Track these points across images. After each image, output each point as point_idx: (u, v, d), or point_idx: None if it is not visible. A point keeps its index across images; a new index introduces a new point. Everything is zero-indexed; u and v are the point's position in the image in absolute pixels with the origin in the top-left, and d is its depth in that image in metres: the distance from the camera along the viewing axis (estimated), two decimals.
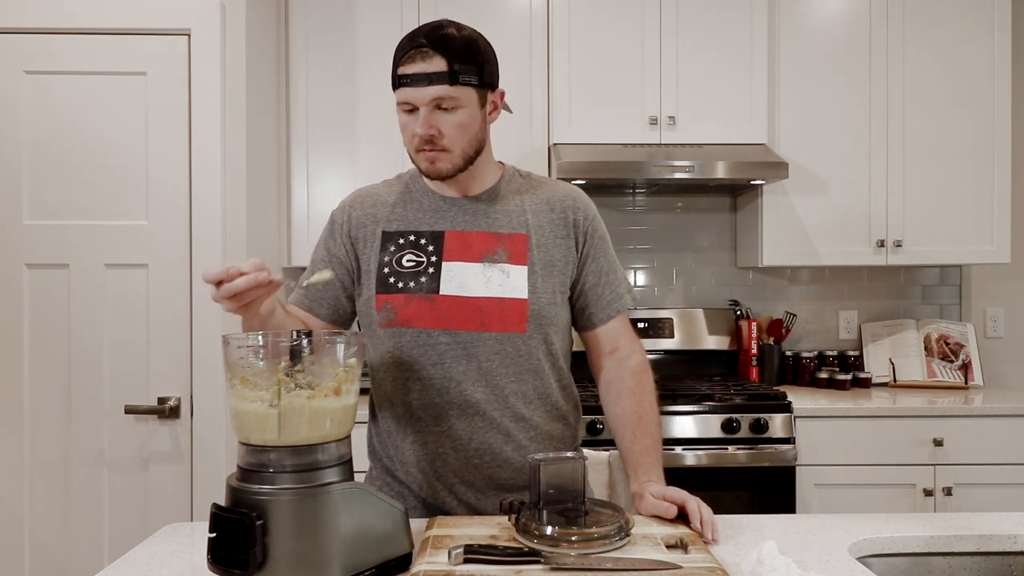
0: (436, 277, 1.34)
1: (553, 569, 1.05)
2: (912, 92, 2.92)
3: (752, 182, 2.82)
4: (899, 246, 2.91)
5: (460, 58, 1.28)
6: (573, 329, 1.48)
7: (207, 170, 2.32)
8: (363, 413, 2.32)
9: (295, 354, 1.02)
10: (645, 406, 1.40)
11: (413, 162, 1.37)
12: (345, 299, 1.43)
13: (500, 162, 1.46)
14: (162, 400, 2.32)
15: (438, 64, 1.27)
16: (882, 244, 2.91)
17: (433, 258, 1.35)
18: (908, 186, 2.92)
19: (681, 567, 1.04)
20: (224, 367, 1.06)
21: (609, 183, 2.92)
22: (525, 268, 1.35)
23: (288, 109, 2.83)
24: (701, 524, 1.20)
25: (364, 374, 2.77)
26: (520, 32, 2.82)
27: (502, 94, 1.39)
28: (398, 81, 1.30)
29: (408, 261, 1.36)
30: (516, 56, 2.79)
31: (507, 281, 1.34)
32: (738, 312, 3.15)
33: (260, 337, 1.05)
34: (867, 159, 2.92)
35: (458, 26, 1.33)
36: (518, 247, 1.36)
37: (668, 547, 1.13)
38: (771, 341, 3.07)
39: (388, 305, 1.35)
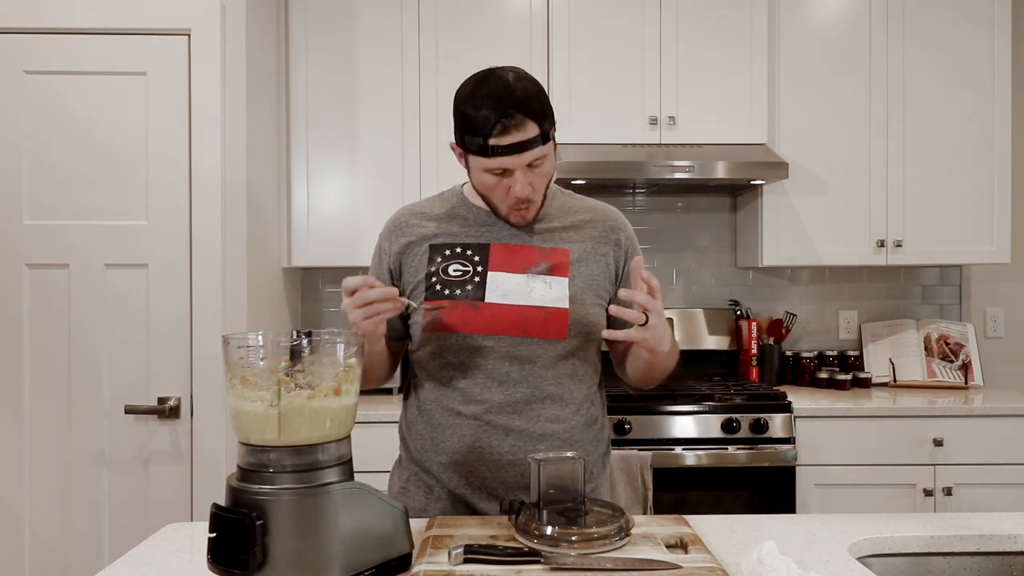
0: (481, 285, 1.40)
1: (553, 569, 1.05)
2: (912, 92, 2.92)
3: (752, 182, 2.82)
4: (899, 246, 2.91)
5: (543, 117, 1.34)
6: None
7: (207, 170, 2.32)
8: (373, 414, 2.32)
9: (295, 354, 1.02)
10: (660, 355, 1.44)
11: (497, 213, 1.43)
12: (400, 322, 1.48)
13: None
14: (162, 400, 2.32)
15: (531, 130, 1.32)
16: (882, 244, 2.91)
17: (479, 268, 1.42)
18: (908, 186, 2.92)
19: (681, 567, 1.04)
20: (224, 367, 1.06)
21: (609, 183, 2.92)
22: (566, 280, 1.42)
23: (288, 109, 2.83)
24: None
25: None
26: (520, 32, 2.82)
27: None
28: (491, 150, 1.32)
29: (455, 270, 1.42)
30: (516, 56, 2.79)
31: (549, 292, 1.41)
32: (738, 312, 3.15)
33: (260, 337, 1.05)
34: (867, 159, 2.92)
35: (517, 75, 1.36)
36: (560, 260, 1.43)
37: (668, 547, 1.13)
38: (771, 341, 3.07)
39: (434, 311, 1.41)
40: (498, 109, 1.30)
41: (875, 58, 2.91)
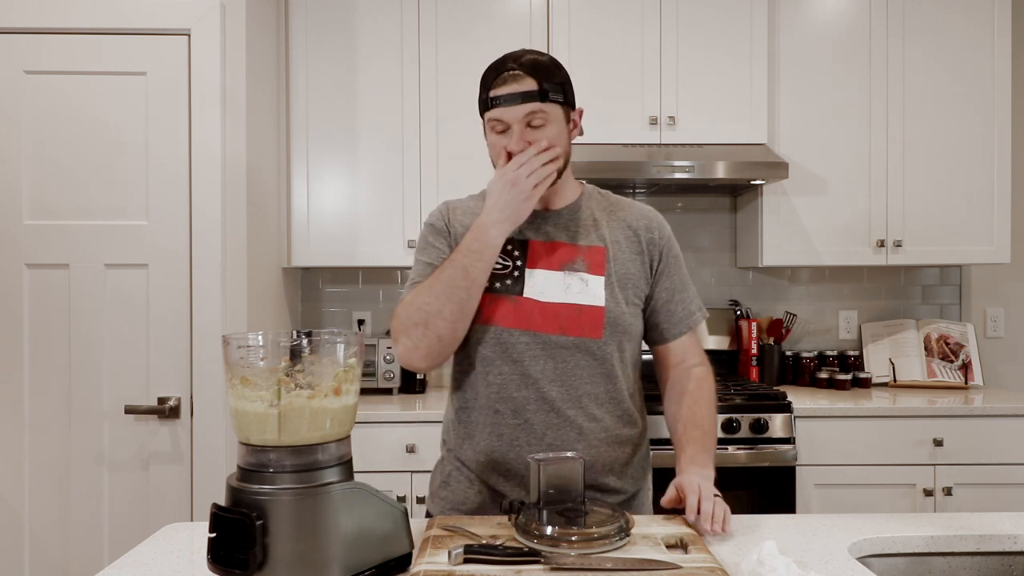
0: (520, 280, 1.42)
1: (553, 569, 1.05)
2: (912, 92, 2.92)
3: (752, 182, 2.82)
4: (899, 246, 2.91)
5: (547, 78, 1.38)
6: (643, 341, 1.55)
7: (207, 170, 2.32)
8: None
9: (295, 354, 1.02)
10: (701, 404, 1.47)
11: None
12: None
13: (580, 181, 1.55)
14: (162, 400, 2.32)
15: (529, 84, 1.37)
16: (882, 244, 2.91)
17: (519, 263, 1.43)
18: (908, 186, 2.92)
19: (681, 567, 1.04)
20: (224, 367, 1.06)
21: (609, 183, 2.89)
22: (602, 278, 1.43)
23: (288, 109, 2.83)
24: (700, 515, 1.23)
25: (368, 374, 2.79)
26: (520, 32, 2.82)
27: (580, 112, 1.47)
28: (490, 102, 1.39)
29: (496, 264, 1.41)
30: None
31: (586, 289, 1.42)
32: (738, 312, 3.15)
33: (260, 337, 1.06)
34: (867, 159, 2.92)
35: (538, 52, 1.44)
36: (596, 259, 1.44)
37: (668, 547, 1.13)
38: (771, 341, 3.07)
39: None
40: (501, 64, 1.40)
41: (875, 58, 2.91)
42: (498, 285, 1.41)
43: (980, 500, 2.58)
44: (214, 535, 1.00)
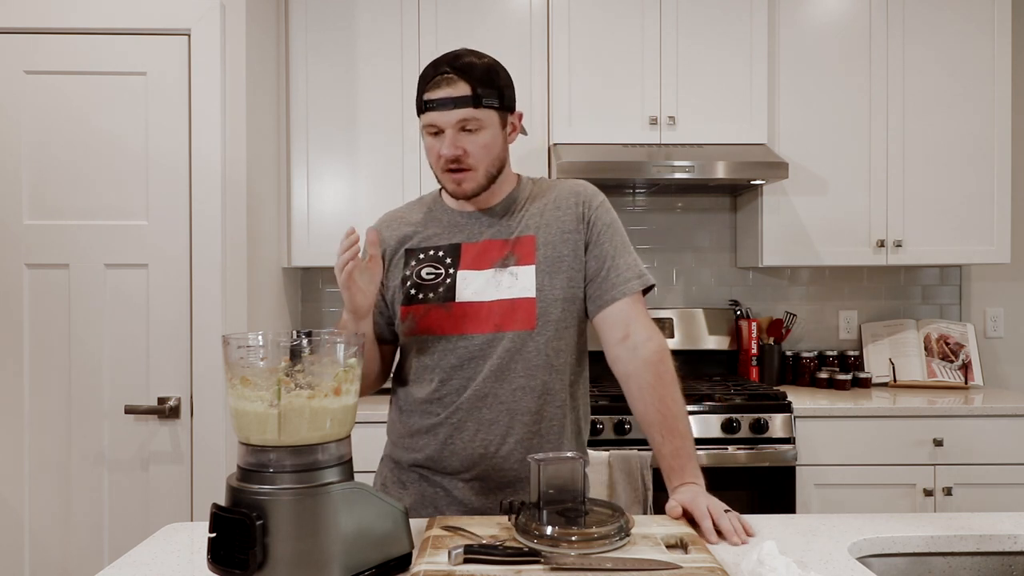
0: (452, 286, 1.42)
1: (553, 569, 1.05)
2: (912, 92, 2.92)
3: (752, 182, 2.82)
4: (899, 246, 2.91)
5: (482, 83, 1.37)
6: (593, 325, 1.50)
7: (207, 170, 2.32)
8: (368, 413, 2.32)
9: (295, 354, 1.02)
10: (668, 401, 1.38)
11: (439, 182, 1.46)
12: (384, 322, 1.53)
13: (516, 174, 1.54)
14: (162, 400, 2.32)
15: (462, 89, 1.36)
16: (882, 244, 2.91)
17: (450, 269, 1.44)
18: (908, 186, 2.92)
19: (681, 567, 1.04)
20: (224, 367, 1.06)
21: (609, 183, 2.92)
22: (533, 267, 1.42)
23: (288, 109, 2.83)
24: (720, 534, 1.22)
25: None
26: (520, 32, 2.82)
27: (520, 116, 1.47)
28: (424, 106, 1.40)
29: (428, 274, 1.44)
30: (516, 56, 2.79)
31: (516, 283, 1.41)
32: (738, 312, 3.15)
33: (260, 337, 1.06)
34: (867, 159, 2.92)
35: (478, 54, 1.42)
36: (526, 248, 1.43)
37: (668, 547, 1.13)
38: (771, 341, 3.07)
39: (411, 315, 1.44)
40: (436, 66, 1.40)
41: (875, 58, 2.91)
42: (431, 295, 1.43)
43: (980, 500, 2.58)
44: (214, 535, 1.00)
